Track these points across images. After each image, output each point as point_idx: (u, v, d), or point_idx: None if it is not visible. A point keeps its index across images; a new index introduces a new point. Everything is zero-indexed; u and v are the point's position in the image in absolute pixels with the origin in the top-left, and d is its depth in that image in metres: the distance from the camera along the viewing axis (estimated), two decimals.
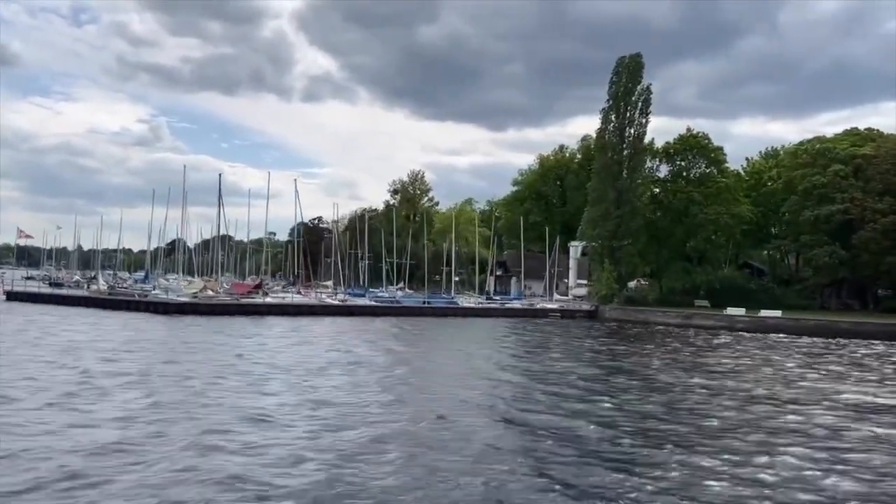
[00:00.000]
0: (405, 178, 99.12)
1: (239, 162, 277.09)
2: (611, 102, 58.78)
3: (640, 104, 57.87)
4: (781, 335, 40.96)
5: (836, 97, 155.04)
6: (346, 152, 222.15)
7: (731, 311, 48.25)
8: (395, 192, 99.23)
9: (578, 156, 74.45)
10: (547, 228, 62.56)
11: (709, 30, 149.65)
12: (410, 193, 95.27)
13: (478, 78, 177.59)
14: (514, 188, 79.96)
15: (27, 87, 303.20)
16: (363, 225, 72.19)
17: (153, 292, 46.85)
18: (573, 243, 65.99)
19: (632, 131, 57.85)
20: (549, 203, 72.02)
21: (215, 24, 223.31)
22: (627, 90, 58.10)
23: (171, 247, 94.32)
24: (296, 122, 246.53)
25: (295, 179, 61.91)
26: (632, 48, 71.05)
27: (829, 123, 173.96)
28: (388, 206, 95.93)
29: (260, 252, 79.94)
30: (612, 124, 58.58)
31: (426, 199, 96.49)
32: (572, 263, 66.29)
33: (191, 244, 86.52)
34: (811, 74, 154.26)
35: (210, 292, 47.10)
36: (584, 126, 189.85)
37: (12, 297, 50.92)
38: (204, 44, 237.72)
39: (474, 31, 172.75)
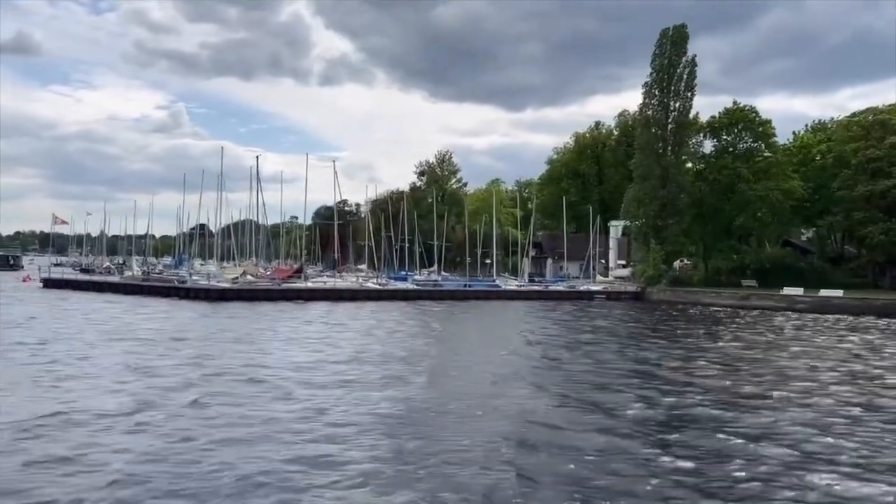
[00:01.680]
0: (431, 160, 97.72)
1: (257, 146, 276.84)
2: (654, 76, 56.71)
3: (684, 77, 55.76)
4: (847, 315, 39.07)
5: (859, 71, 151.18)
6: (363, 135, 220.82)
7: (788, 290, 46.36)
8: (421, 173, 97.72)
9: (615, 132, 72.29)
10: (590, 208, 60.62)
11: (729, 5, 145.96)
12: (438, 174, 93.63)
13: (495, 58, 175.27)
14: (550, 167, 77.86)
15: (48, 76, 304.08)
16: (394, 208, 71.04)
17: (193, 278, 45.80)
18: (613, 223, 64.13)
19: (676, 105, 55.84)
20: (587, 182, 70.09)
21: (232, 9, 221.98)
22: (671, 63, 55.96)
23: (196, 232, 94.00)
24: (313, 106, 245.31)
25: (334, 161, 60.42)
26: (651, 25, 68.89)
27: (851, 98, 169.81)
28: (414, 187, 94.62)
29: (287, 235, 78.95)
30: (655, 99, 56.54)
31: (454, 179, 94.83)
32: (612, 243, 64.46)
33: (214, 229, 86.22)
34: (832, 48, 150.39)
35: (250, 277, 46.06)
36: (603, 105, 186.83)
37: (49, 283, 50.32)
38: (221, 29, 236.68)
39: (491, 10, 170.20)
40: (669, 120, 55.76)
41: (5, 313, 28.70)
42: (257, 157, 55.95)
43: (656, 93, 56.31)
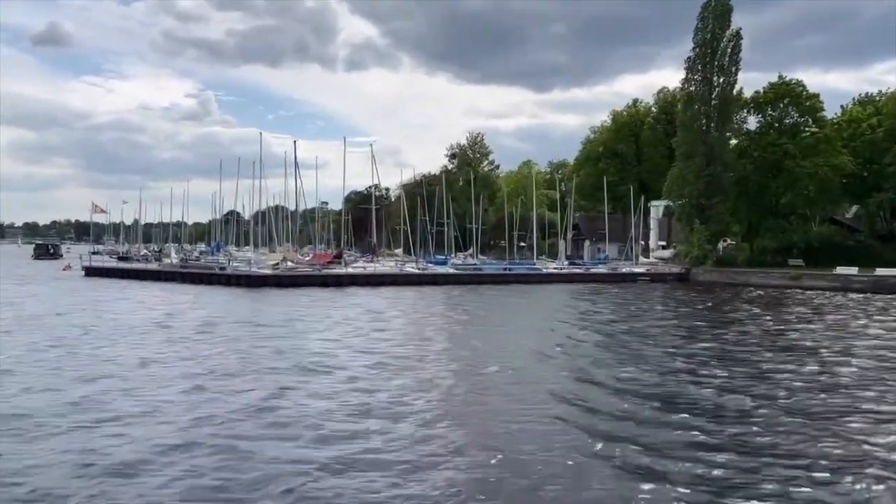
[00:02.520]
0: (462, 142, 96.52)
1: (285, 133, 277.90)
2: (696, 51, 54.99)
3: (728, 51, 53.95)
4: None
5: (893, 45, 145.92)
6: (389, 119, 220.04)
7: (841, 270, 44.83)
8: (452, 156, 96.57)
9: (654, 110, 70.50)
10: (630, 188, 59.22)
11: None
12: (469, 157, 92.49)
13: (521, 39, 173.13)
14: (588, 147, 76.26)
15: (80, 67, 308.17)
16: (427, 191, 70.28)
17: (233, 265, 45.62)
18: (654, 203, 62.60)
19: (720, 81, 54.12)
20: (625, 161, 68.52)
21: None
22: (714, 36, 54.16)
23: (232, 218, 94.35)
24: (340, 92, 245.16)
25: (371, 145, 60.17)
26: (680, 2, 66.59)
27: (885, 72, 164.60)
28: (446, 170, 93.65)
29: (316, 221, 78.59)
30: (697, 74, 54.85)
31: (486, 162, 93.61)
32: (653, 224, 62.99)
33: (246, 215, 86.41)
34: (867, 22, 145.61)
35: (289, 263, 45.74)
36: (632, 84, 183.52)
37: (91, 272, 50.59)
38: (248, 16, 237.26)
39: None
40: (713, 96, 54.08)
41: (94, 303, 28.45)
42: (294, 141, 56.33)
43: (699, 68, 54.61)
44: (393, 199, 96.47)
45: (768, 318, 25.83)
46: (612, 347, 17.87)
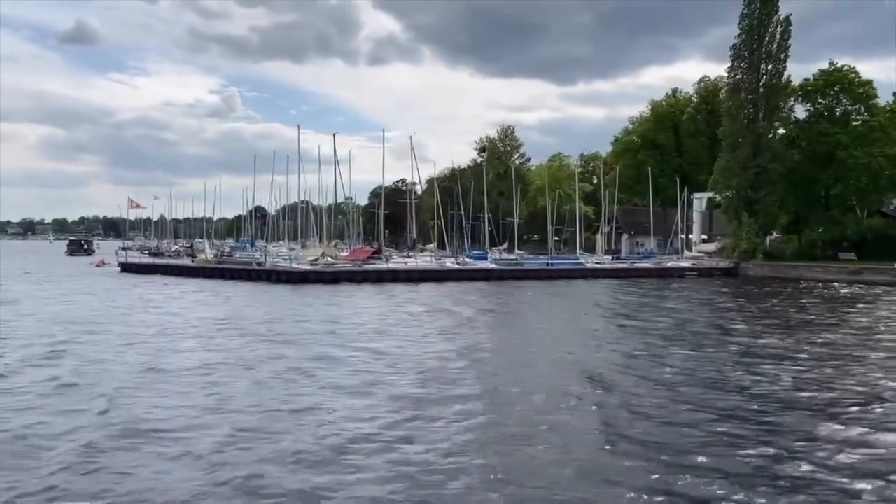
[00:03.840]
0: (492, 135, 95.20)
1: (307, 128, 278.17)
2: (742, 37, 53.14)
3: (777, 38, 52.06)
4: None
5: None
6: (411, 113, 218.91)
7: None
8: (482, 149, 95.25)
9: (695, 99, 68.57)
10: (676, 179, 57.49)
11: None
12: (500, 150, 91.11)
13: (543, 31, 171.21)
14: (626, 138, 74.54)
15: (105, 64, 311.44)
16: (454, 185, 69.11)
17: (273, 261, 44.78)
18: (697, 195, 60.80)
19: (768, 68, 52.27)
20: (665, 152, 66.73)
21: None
22: (761, 22, 52.30)
23: (253, 213, 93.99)
24: (362, 86, 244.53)
25: (411, 137, 59.06)
26: None
27: None
28: (475, 164, 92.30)
29: (343, 216, 77.88)
30: (744, 62, 53.01)
31: (517, 154, 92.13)
32: (696, 217, 61.19)
33: (271, 210, 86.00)
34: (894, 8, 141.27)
35: (329, 259, 44.84)
36: (657, 75, 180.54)
37: (126, 268, 50.08)
38: (271, 12, 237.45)
39: None
40: (760, 84, 52.26)
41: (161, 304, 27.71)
42: (334, 135, 54.51)
43: (745, 55, 52.78)
44: (418, 193, 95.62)
45: (860, 317, 24.15)
46: (721, 363, 16.57)
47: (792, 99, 54.57)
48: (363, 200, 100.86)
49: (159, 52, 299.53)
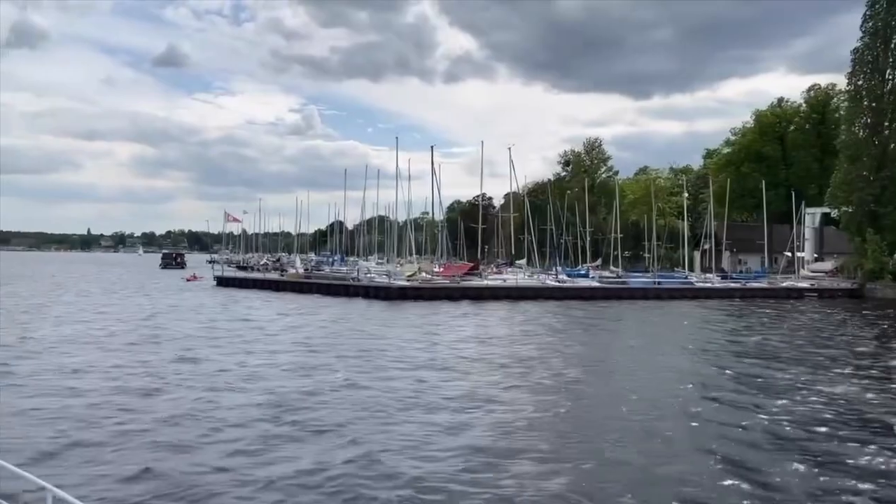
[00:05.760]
0: (576, 149, 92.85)
1: (383, 146, 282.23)
2: (865, 40, 49.28)
3: None
4: None
5: None
6: (485, 130, 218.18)
7: None
8: (566, 163, 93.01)
9: (804, 108, 64.33)
10: (793, 193, 53.60)
11: None
12: (586, 164, 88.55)
13: (620, 46, 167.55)
14: (724, 150, 71.05)
15: (193, 85, 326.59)
16: (540, 199, 67.11)
17: (368, 276, 43.88)
18: (809, 210, 56.61)
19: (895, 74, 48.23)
20: (771, 165, 62.72)
21: (362, 13, 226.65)
22: (887, 24, 48.35)
23: (331, 229, 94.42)
24: (437, 104, 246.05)
25: (509, 148, 57.68)
26: (783, 4, 60.37)
27: None
28: (558, 178, 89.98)
29: (420, 231, 76.83)
30: (867, 66, 49.13)
31: (604, 168, 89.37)
32: (808, 233, 56.91)
33: (349, 226, 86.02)
34: None
35: (424, 275, 43.60)
36: (737, 89, 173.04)
37: (222, 282, 50.34)
38: (351, 33, 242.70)
39: None
40: (886, 90, 48.24)
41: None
42: (432, 147, 53.89)
43: (869, 60, 48.87)
44: (496, 208, 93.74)
45: None
46: None
47: None
48: (438, 216, 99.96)
49: (243, 73, 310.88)
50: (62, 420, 10.24)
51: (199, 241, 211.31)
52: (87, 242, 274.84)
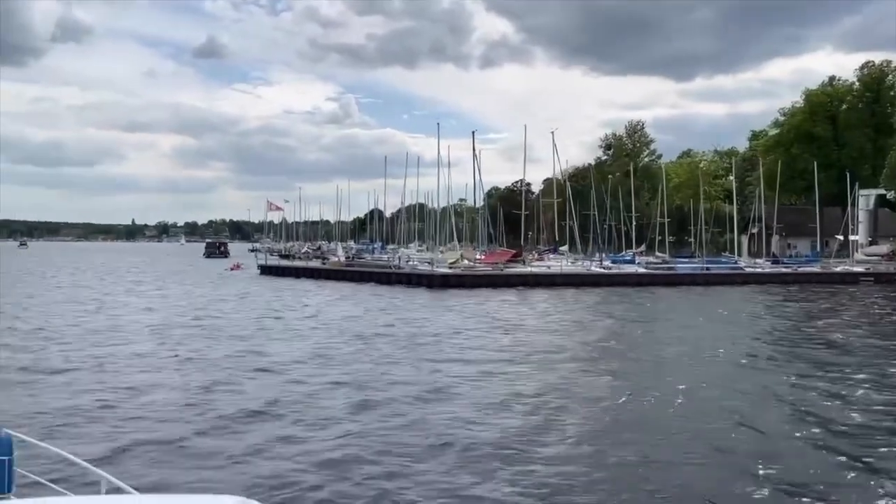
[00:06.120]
0: (618, 132, 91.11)
1: (419, 132, 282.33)
2: None
3: None
4: None
5: None
6: (522, 115, 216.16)
7: None
8: (607, 147, 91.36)
9: (857, 86, 61.80)
10: (848, 174, 51.60)
11: None
12: (629, 147, 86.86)
13: (661, 27, 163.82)
14: (772, 131, 68.87)
15: (231, 76, 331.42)
16: (582, 184, 66.04)
17: (410, 263, 43.80)
18: (863, 192, 54.48)
19: None
20: (822, 145, 60.49)
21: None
22: None
23: (370, 217, 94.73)
24: (473, 90, 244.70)
25: (552, 133, 56.47)
26: None
27: None
28: (599, 162, 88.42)
29: (458, 217, 76.18)
30: None
31: (646, 152, 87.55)
32: (862, 216, 54.85)
33: (388, 213, 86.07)
34: None
35: (467, 262, 43.34)
36: (782, 68, 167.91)
37: (265, 270, 50.84)
38: (387, 20, 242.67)
39: None
40: None
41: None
42: (473, 133, 53.34)
43: None
44: (535, 194, 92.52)
45: None
46: None
47: None
48: (479, 203, 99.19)
49: (281, 63, 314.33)
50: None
51: (241, 230, 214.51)
52: (131, 232, 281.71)
